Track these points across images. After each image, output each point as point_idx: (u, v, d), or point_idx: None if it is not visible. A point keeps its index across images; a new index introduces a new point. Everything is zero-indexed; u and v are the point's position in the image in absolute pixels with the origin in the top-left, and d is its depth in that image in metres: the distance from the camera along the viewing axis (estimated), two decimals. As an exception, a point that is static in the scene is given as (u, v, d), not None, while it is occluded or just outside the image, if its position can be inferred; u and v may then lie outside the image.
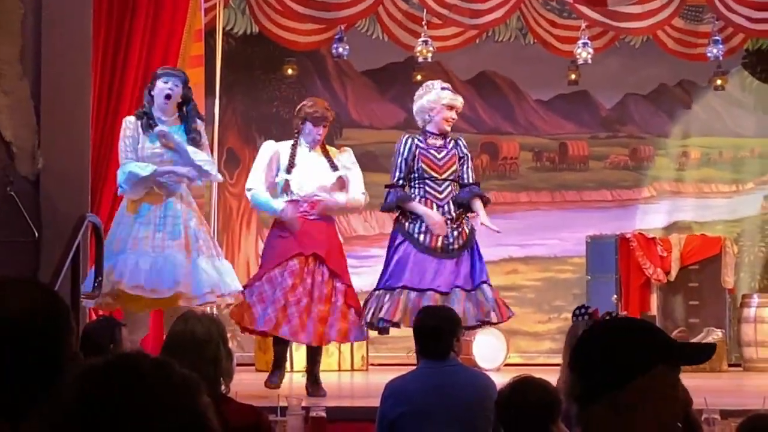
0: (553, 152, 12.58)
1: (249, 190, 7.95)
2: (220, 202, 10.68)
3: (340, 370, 10.77)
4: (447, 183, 7.89)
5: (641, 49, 12.19)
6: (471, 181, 7.99)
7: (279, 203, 7.79)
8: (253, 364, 10.53)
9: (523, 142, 12.53)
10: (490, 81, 12.38)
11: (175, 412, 1.60)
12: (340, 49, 10.80)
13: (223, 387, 4.09)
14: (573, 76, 11.77)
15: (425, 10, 10.19)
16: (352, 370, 10.92)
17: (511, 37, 12.19)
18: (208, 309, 7.46)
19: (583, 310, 5.14)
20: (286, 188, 7.83)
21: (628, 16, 9.70)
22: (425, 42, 10.57)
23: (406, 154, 7.88)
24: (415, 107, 8.04)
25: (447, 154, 7.92)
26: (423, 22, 10.53)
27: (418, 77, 10.77)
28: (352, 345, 10.55)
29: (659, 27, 10.18)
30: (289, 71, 11.77)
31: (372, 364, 11.04)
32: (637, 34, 11.03)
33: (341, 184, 7.90)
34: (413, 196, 7.88)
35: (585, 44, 10.51)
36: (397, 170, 7.88)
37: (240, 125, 11.98)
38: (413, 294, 7.66)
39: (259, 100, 12.05)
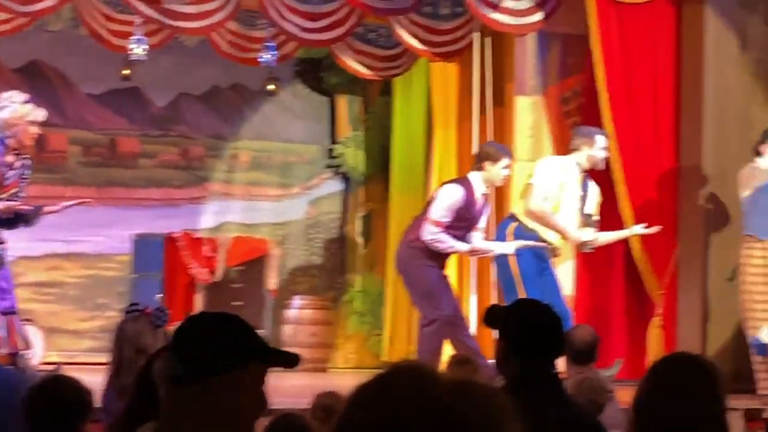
0: (104, 147, 12.38)
1: None
2: None
3: None
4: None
5: (196, 50, 12.23)
6: None
7: None
8: None
9: (72, 135, 12.24)
10: (39, 71, 12.02)
11: None
12: None
13: None
14: (126, 72, 11.62)
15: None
16: None
17: (63, 27, 11.87)
18: None
19: (134, 307, 5.14)
20: None
21: (183, 16, 9.69)
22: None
23: None
24: None
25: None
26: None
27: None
28: None
29: (214, 29, 10.24)
30: None
31: None
32: (191, 34, 11.04)
33: None
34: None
35: (139, 40, 10.39)
36: None
37: None
38: None
39: None
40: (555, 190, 8.87)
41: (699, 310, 9.59)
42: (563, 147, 9.84)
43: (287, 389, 7.60)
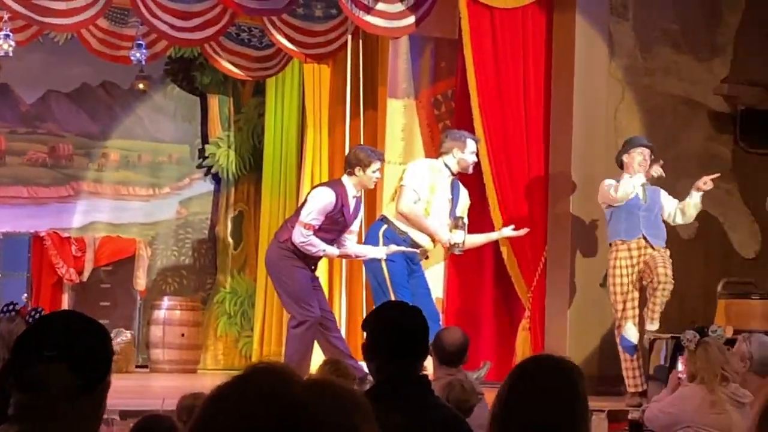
0: (-31, 145, 12.15)
1: None
2: None
3: None
4: None
5: (65, 47, 12.06)
6: None
7: None
8: None
9: (-63, 132, 11.99)
10: None
11: None
12: None
13: None
14: (-7, 68, 11.42)
15: None
16: None
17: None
18: None
19: (10, 307, 5.08)
20: None
21: (52, 12, 9.53)
22: None
23: None
24: None
25: None
26: None
27: None
28: None
29: (84, 26, 10.10)
30: None
31: None
32: (61, 30, 10.89)
33: None
34: None
35: (7, 36, 10.21)
36: None
37: None
38: None
39: None
40: (425, 192, 8.93)
41: (566, 312, 9.74)
42: (435, 150, 9.91)
43: (156, 390, 7.55)
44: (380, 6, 9.76)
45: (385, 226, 8.95)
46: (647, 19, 10.39)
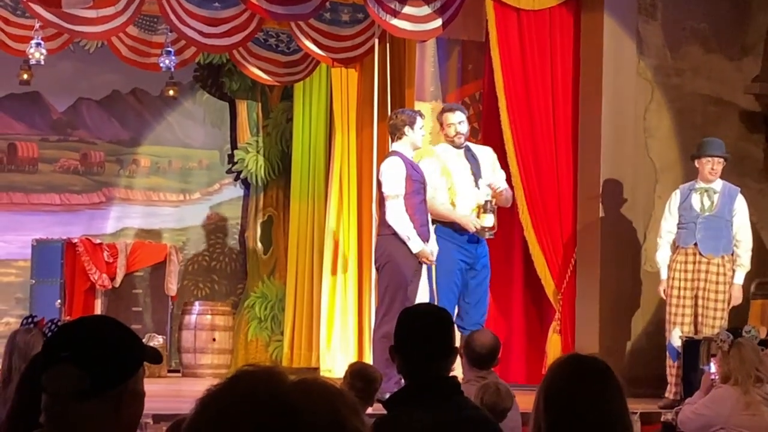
0: (2, 152, 12.23)
1: None
2: None
3: None
4: None
5: (96, 54, 12.14)
6: None
7: None
8: None
9: (-31, 140, 12.09)
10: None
11: None
12: None
13: None
14: (25, 76, 11.47)
15: None
16: None
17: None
18: None
19: (30, 320, 5.14)
20: None
21: (83, 20, 9.59)
22: None
23: None
24: None
25: None
26: None
27: None
28: None
29: (114, 33, 10.15)
30: None
31: None
32: (91, 38, 10.96)
33: None
34: None
35: (38, 44, 10.28)
36: None
37: None
38: None
39: None
40: (437, 177, 8.86)
41: (596, 314, 9.71)
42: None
43: (188, 394, 7.57)
44: (407, 9, 9.77)
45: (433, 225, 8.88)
46: (676, 18, 10.35)
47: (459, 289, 8.81)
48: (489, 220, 8.85)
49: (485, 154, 9.16)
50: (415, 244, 8.42)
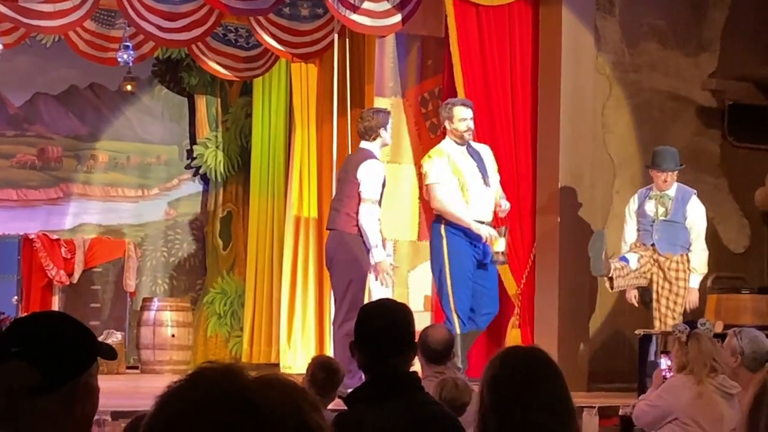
0: (-40, 148, 12.14)
1: None
2: None
3: None
4: None
5: (53, 49, 12.06)
6: None
7: None
8: None
9: (-74, 136, 11.97)
10: None
11: None
12: None
13: None
14: (-20, 71, 11.41)
15: None
16: None
17: None
18: None
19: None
20: None
21: (39, 14, 9.53)
22: None
23: None
24: None
25: None
26: None
27: None
28: None
29: (71, 28, 10.09)
30: None
31: None
32: (48, 32, 10.88)
33: None
34: None
35: (-6, 39, 10.22)
36: None
37: None
38: None
39: None
40: (448, 177, 8.86)
41: (555, 309, 9.75)
42: (423, 148, 9.93)
43: (147, 391, 7.54)
44: (366, 5, 9.77)
45: (443, 224, 8.85)
46: (634, 15, 10.41)
47: (472, 282, 8.84)
48: (501, 244, 8.84)
49: (487, 152, 9.19)
50: (379, 254, 8.44)
